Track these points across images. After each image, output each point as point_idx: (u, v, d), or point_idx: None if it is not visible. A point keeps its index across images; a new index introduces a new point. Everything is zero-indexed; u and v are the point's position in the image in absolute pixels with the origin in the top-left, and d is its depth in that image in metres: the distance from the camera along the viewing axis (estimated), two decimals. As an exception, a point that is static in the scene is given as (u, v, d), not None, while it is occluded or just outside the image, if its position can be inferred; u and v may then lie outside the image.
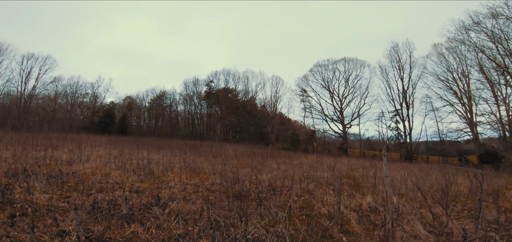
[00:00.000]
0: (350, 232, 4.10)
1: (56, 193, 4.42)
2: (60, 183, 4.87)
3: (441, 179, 10.33)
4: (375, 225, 4.46)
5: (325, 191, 7.43)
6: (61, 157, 8.33)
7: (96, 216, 3.38)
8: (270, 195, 6.12)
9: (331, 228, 4.10)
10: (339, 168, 13.57)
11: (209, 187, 6.49)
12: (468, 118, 31.15)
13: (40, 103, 45.37)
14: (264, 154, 18.75)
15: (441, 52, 32.81)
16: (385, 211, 5.16)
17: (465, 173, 13.31)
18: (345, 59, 42.88)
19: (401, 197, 6.92)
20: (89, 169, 6.54)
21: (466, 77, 30.97)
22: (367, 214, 5.17)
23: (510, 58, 24.60)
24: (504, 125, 27.87)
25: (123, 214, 3.58)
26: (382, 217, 4.51)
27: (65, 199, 4.08)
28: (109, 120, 45.00)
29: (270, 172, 10.09)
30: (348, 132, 43.04)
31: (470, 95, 30.55)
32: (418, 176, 11.18)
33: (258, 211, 4.49)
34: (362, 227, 4.36)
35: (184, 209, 4.04)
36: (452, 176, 11.47)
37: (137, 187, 5.32)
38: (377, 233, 4.07)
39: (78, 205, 3.70)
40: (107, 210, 3.60)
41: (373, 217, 4.92)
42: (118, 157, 9.41)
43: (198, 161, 11.51)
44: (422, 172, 13.05)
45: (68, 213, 3.48)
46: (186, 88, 51.62)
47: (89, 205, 3.76)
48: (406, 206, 5.90)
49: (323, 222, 4.39)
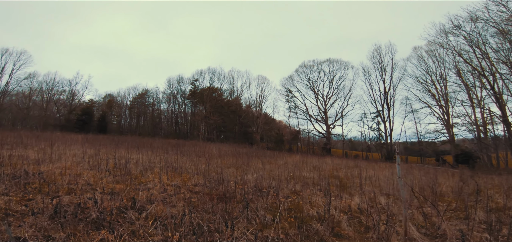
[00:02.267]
0: (342, 236, 3.89)
1: (17, 195, 3.92)
2: (22, 185, 4.34)
3: (423, 179, 10.47)
4: (367, 227, 4.29)
5: (312, 191, 7.24)
6: (29, 156, 7.64)
7: (60, 221, 2.96)
8: (257, 197, 5.84)
9: (322, 231, 3.87)
10: (324, 168, 13.51)
11: (191, 188, 6.12)
12: (445, 120, 32.38)
13: (14, 100, 42.76)
14: (249, 154, 18.44)
15: (421, 55, 34.03)
16: (374, 212, 5.03)
17: (444, 173, 13.66)
18: (330, 60, 43.45)
19: (388, 197, 6.85)
20: (59, 169, 5.97)
21: (443, 80, 32.20)
22: (357, 216, 5.00)
23: (487, 61, 25.70)
24: (479, 127, 29.16)
25: (92, 219, 3.16)
26: (374, 219, 4.35)
27: (27, 201, 3.60)
28: (87, 118, 43.09)
29: (255, 172, 9.81)
30: (331, 132, 43.57)
31: (447, 97, 31.79)
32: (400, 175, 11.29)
33: (244, 214, 4.19)
34: (353, 229, 4.17)
35: (163, 213, 3.67)
36: (433, 176, 11.70)
37: (112, 188, 4.85)
38: (370, 235, 3.88)
39: (40, 209, 3.24)
40: (74, 214, 3.17)
41: (363, 219, 4.76)
42: (93, 157, 8.79)
43: (180, 160, 11.04)
44: (403, 172, 13.23)
45: (26, 218, 3.02)
46: (170, 87, 50.45)
47: (53, 208, 3.31)
48: (394, 207, 5.81)
49: (313, 225, 4.16)
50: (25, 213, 3.18)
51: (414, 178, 11.05)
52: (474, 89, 29.14)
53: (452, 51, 29.10)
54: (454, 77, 30.61)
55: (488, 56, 25.32)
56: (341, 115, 42.70)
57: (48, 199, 3.63)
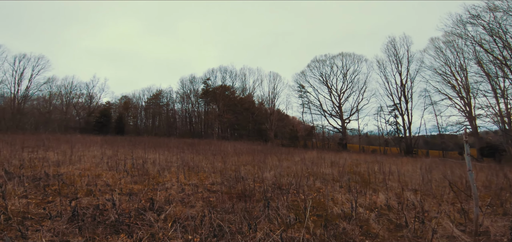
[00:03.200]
0: (371, 235, 3.62)
1: (36, 198, 3.90)
2: (42, 187, 4.34)
3: (449, 173, 9.91)
4: (398, 225, 3.99)
5: (333, 188, 6.95)
6: (50, 158, 7.77)
7: (78, 224, 2.87)
8: (276, 195, 5.64)
9: (350, 230, 3.62)
10: (342, 164, 13.09)
11: (209, 188, 5.99)
12: (467, 112, 30.95)
13: (35, 104, 44.47)
14: (264, 151, 18.25)
15: (439, 46, 32.76)
16: (404, 209, 4.70)
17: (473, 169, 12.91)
18: (342, 54, 42.49)
19: (415, 193, 6.46)
20: (79, 171, 6.00)
21: (464, 71, 30.84)
22: (385, 213, 4.70)
23: (508, 51, 24.35)
24: (503, 118, 27.65)
25: (111, 222, 3.07)
26: (406, 216, 4.04)
27: (46, 204, 3.56)
28: (105, 120, 44.26)
29: (272, 169, 9.61)
30: (347, 127, 42.66)
31: (469, 88, 30.38)
32: (426, 170, 10.75)
33: (265, 214, 4.00)
34: (383, 228, 3.88)
35: (182, 214, 3.53)
36: (460, 171, 11.07)
37: (130, 189, 4.79)
38: (404, 234, 3.59)
39: (59, 212, 3.17)
40: (92, 217, 3.08)
41: (392, 216, 4.45)
42: (111, 158, 8.86)
43: (196, 159, 10.99)
44: (427, 166, 12.64)
45: (45, 221, 2.96)
46: (183, 86, 50.98)
47: (71, 211, 3.24)
48: (424, 203, 5.45)
49: (339, 223, 3.90)
50: (43, 216, 3.13)
51: (439, 172, 10.50)
52: (496, 79, 27.70)
53: (472, 41, 27.92)
54: (475, 67, 29.27)
55: (510, 45, 23.98)
56: (357, 109, 41.69)
57: (67, 201, 3.58)
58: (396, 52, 37.28)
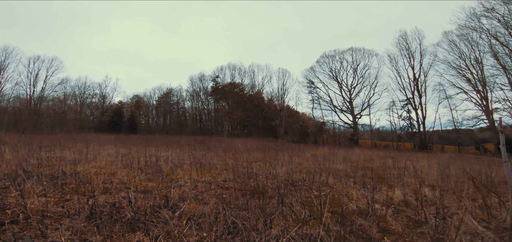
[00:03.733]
0: (389, 231, 3.53)
1: (55, 196, 3.98)
2: (60, 185, 4.44)
3: (468, 169, 9.57)
4: (417, 222, 3.87)
5: (346, 184, 6.84)
6: (67, 157, 7.96)
7: (96, 223, 2.90)
8: (289, 191, 5.58)
9: (367, 227, 3.53)
10: (355, 160, 12.87)
11: (221, 184, 5.99)
12: (483, 105, 29.97)
13: (50, 105, 45.78)
14: (275, 147, 18.19)
15: (452, 40, 31.90)
16: (422, 205, 4.56)
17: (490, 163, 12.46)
18: (352, 49, 41.74)
19: (433, 189, 6.27)
20: (95, 169, 6.12)
21: (479, 64, 29.86)
22: (402, 209, 4.57)
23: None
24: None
25: (127, 220, 3.09)
26: (425, 212, 3.92)
27: (64, 202, 3.63)
28: (118, 119, 45.18)
29: (284, 166, 9.55)
30: (358, 122, 41.98)
31: (485, 81, 29.42)
32: (443, 165, 10.45)
33: (279, 210, 3.96)
34: (401, 224, 3.77)
35: (196, 211, 3.53)
36: (479, 166, 10.70)
37: (144, 186, 4.84)
38: (424, 231, 3.48)
39: (77, 210, 3.22)
40: (109, 215, 3.11)
41: (410, 213, 4.32)
42: (126, 156, 9.00)
43: (208, 156, 11.05)
44: (445, 162, 12.28)
45: (63, 220, 3.01)
46: (192, 85, 51.37)
47: (88, 209, 3.29)
48: (443, 199, 5.27)
49: (355, 220, 3.82)
50: (62, 215, 3.18)
51: (457, 167, 10.17)
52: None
53: (487, 34, 27.21)
54: (491, 60, 28.47)
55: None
56: (368, 104, 40.96)
57: (84, 199, 3.64)
58: (408, 46, 36.42)
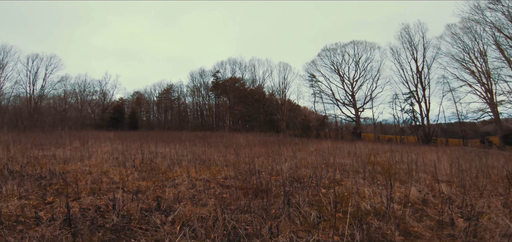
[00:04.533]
0: (411, 234, 3.12)
1: (37, 198, 3.60)
2: (43, 186, 4.04)
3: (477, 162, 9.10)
4: (440, 223, 3.46)
5: (354, 180, 6.42)
6: (59, 156, 7.59)
7: (75, 229, 2.51)
8: (294, 189, 5.18)
9: (386, 229, 3.12)
10: (359, 154, 12.42)
11: (222, 182, 5.60)
12: (488, 98, 29.45)
13: (51, 103, 45.53)
14: (277, 142, 17.77)
15: (456, 32, 31.27)
16: (443, 204, 4.15)
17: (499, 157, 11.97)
18: (354, 42, 40.99)
19: (449, 185, 5.84)
20: (86, 168, 5.73)
21: (483, 57, 29.34)
22: (420, 208, 4.16)
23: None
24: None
25: (113, 225, 2.70)
26: (450, 212, 3.50)
27: (45, 205, 3.24)
28: (119, 116, 44.91)
29: (287, 161, 9.15)
30: (361, 116, 41.45)
31: (489, 74, 28.91)
32: (455, 159, 10.00)
33: (285, 212, 3.55)
34: (424, 226, 3.36)
35: (192, 214, 3.13)
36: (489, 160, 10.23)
37: (138, 186, 4.45)
38: (453, 234, 3.07)
39: (53, 215, 2.83)
40: (91, 220, 2.72)
41: (430, 212, 3.91)
42: (122, 153, 8.62)
43: (208, 152, 10.66)
44: (455, 156, 11.83)
45: (39, 226, 2.62)
46: (193, 80, 50.86)
47: (73, 212, 2.90)
48: (465, 197, 4.85)
49: (371, 221, 3.41)
50: (40, 219, 2.79)
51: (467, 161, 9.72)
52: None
53: (491, 27, 26.75)
54: (495, 53, 28.11)
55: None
56: (371, 98, 40.34)
57: (69, 201, 3.24)
58: (411, 39, 35.72)
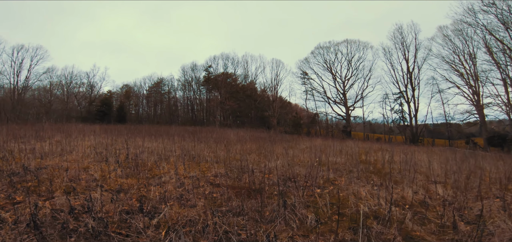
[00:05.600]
0: (415, 239, 2.94)
1: (4, 198, 3.23)
2: (13, 184, 3.66)
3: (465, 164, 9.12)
4: (441, 226, 3.30)
5: (349, 179, 6.27)
6: (38, 149, 7.12)
7: (42, 233, 2.20)
8: (288, 188, 4.97)
9: (388, 234, 2.93)
10: (351, 152, 12.32)
11: (212, 180, 5.32)
12: (475, 100, 30.22)
13: (36, 94, 43.92)
14: (268, 139, 17.56)
15: (447, 34, 31.92)
16: (439, 205, 4.02)
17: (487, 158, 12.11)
18: (347, 41, 41.18)
19: (444, 186, 5.74)
20: (66, 163, 5.33)
21: (472, 59, 30.07)
22: (419, 211, 4.01)
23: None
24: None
25: (88, 229, 2.40)
26: (454, 216, 3.34)
27: (12, 206, 2.89)
28: (106, 109, 43.67)
29: (279, 158, 8.94)
30: (351, 114, 41.79)
31: (477, 76, 29.63)
32: (442, 160, 10.04)
33: (280, 214, 3.32)
34: (426, 230, 3.19)
35: (179, 217, 2.86)
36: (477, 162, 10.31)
37: (120, 184, 4.12)
38: (453, 237, 2.91)
39: (22, 216, 2.50)
40: (62, 223, 2.41)
41: (430, 215, 3.76)
42: (107, 147, 8.20)
43: (198, 148, 10.33)
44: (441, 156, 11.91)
45: (2, 230, 2.29)
46: (184, 74, 50.02)
47: (43, 214, 2.57)
48: (457, 198, 4.76)
49: (371, 225, 3.21)
50: (5, 222, 2.46)
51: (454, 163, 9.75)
52: (506, 69, 27.02)
53: (482, 30, 27.44)
54: (483, 55, 28.91)
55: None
56: (361, 97, 40.72)
57: (41, 201, 2.91)
58: (404, 40, 36.26)
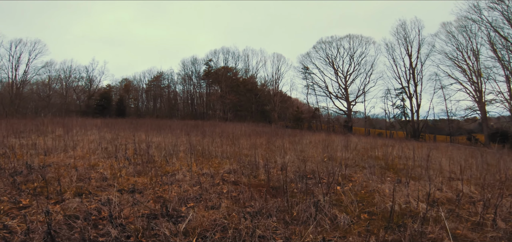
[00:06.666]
0: (459, 238, 2.71)
1: (8, 201, 2.95)
2: (17, 185, 3.36)
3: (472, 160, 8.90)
4: (477, 224, 3.07)
5: (364, 176, 6.05)
6: (41, 145, 6.83)
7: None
8: (307, 185, 4.72)
9: (432, 234, 2.69)
10: (356, 148, 12.06)
11: (226, 177, 5.07)
12: (477, 97, 30.12)
13: (34, 89, 43.43)
14: (271, 133, 17.30)
15: (450, 31, 31.68)
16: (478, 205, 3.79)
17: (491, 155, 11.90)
18: (350, 36, 40.68)
19: (464, 183, 5.51)
20: (71, 160, 5.04)
21: (476, 55, 29.93)
22: (450, 209, 3.77)
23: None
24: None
25: (110, 239, 2.14)
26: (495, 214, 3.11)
27: (18, 211, 2.62)
28: (106, 103, 43.30)
29: (287, 153, 8.70)
30: (353, 109, 41.55)
31: (480, 73, 29.49)
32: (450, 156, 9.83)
33: (312, 214, 3.07)
34: (465, 228, 2.95)
35: (206, 221, 2.60)
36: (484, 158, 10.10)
37: (133, 183, 3.84)
38: (498, 235, 2.68)
39: (34, 225, 2.24)
40: (81, 232, 2.15)
41: (462, 213, 3.53)
42: (111, 142, 7.91)
43: (204, 142, 10.06)
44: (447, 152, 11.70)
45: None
46: (184, 68, 49.49)
47: (56, 222, 2.31)
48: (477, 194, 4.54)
49: (407, 223, 2.97)
50: (13, 232, 2.19)
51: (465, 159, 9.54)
52: (509, 65, 27.02)
53: (487, 27, 27.26)
54: (486, 52, 28.77)
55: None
56: (363, 92, 40.44)
57: (51, 204, 2.64)
58: (407, 35, 36.03)
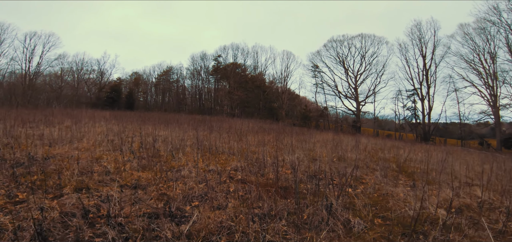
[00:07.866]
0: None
1: (4, 195, 2.82)
2: (15, 177, 3.23)
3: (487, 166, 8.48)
4: (500, 232, 2.81)
5: (376, 178, 5.79)
6: (47, 136, 6.79)
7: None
8: (315, 186, 4.51)
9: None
10: (366, 149, 11.70)
11: (232, 174, 4.90)
12: (491, 101, 29.16)
13: (47, 80, 44.32)
14: (278, 130, 17.04)
15: (468, 32, 30.67)
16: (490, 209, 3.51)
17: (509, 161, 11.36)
18: (362, 35, 39.75)
19: (484, 189, 5.20)
20: (76, 152, 4.94)
21: (493, 58, 28.88)
22: (471, 216, 3.51)
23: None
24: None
25: (107, 241, 1.99)
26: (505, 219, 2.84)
27: (14, 206, 2.50)
28: (115, 96, 43.78)
29: (295, 152, 8.47)
30: (362, 109, 40.79)
31: (496, 76, 28.52)
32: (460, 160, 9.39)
33: (323, 218, 2.87)
34: (487, 237, 2.69)
35: (211, 222, 2.43)
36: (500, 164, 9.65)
37: (137, 179, 3.70)
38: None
39: (25, 222, 2.10)
40: (75, 232, 2.00)
41: (484, 221, 3.26)
42: (118, 135, 7.83)
43: (211, 138, 9.92)
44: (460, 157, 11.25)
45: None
46: (194, 63, 49.66)
47: (51, 219, 2.17)
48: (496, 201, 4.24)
49: (427, 231, 2.74)
50: (4, 229, 2.06)
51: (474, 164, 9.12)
52: None
53: (505, 29, 26.56)
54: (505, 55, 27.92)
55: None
56: (373, 92, 39.58)
57: (48, 200, 2.51)
58: (421, 36, 34.94)
